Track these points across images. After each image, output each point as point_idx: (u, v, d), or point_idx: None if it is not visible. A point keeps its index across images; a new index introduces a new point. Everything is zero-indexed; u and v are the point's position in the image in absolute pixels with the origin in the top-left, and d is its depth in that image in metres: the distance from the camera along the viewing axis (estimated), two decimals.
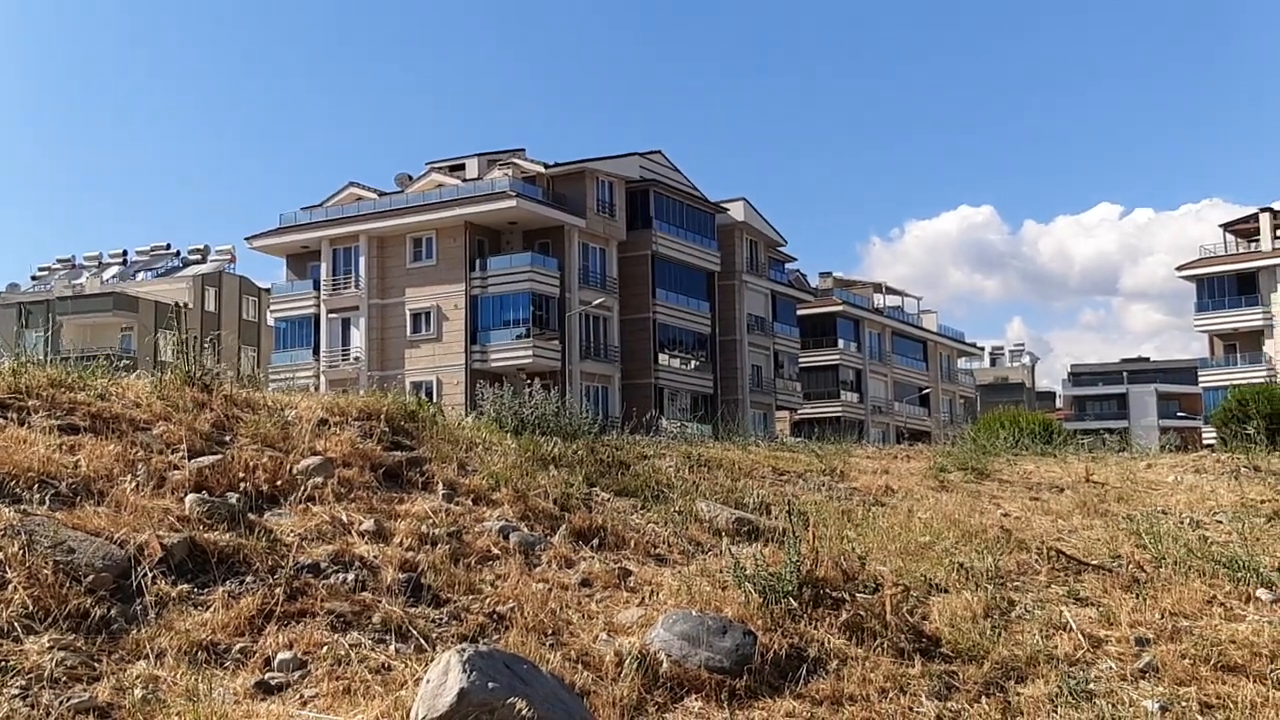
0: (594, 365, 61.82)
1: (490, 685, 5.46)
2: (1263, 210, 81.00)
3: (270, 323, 73.53)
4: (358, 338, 62.33)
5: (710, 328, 69.13)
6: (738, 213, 72.11)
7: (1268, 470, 15.33)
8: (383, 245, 62.49)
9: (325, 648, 6.65)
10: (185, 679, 6.00)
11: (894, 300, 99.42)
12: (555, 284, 60.32)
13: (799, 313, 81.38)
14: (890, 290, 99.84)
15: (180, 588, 7.08)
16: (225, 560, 7.54)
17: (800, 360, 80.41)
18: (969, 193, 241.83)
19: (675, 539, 10.19)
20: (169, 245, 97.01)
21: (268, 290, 76.33)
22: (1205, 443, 49.44)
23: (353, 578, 7.69)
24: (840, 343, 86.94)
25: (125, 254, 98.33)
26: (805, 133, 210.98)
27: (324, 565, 7.80)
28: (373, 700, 5.96)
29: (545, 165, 63.66)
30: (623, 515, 10.73)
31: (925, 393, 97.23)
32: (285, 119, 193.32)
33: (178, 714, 5.62)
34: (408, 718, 5.60)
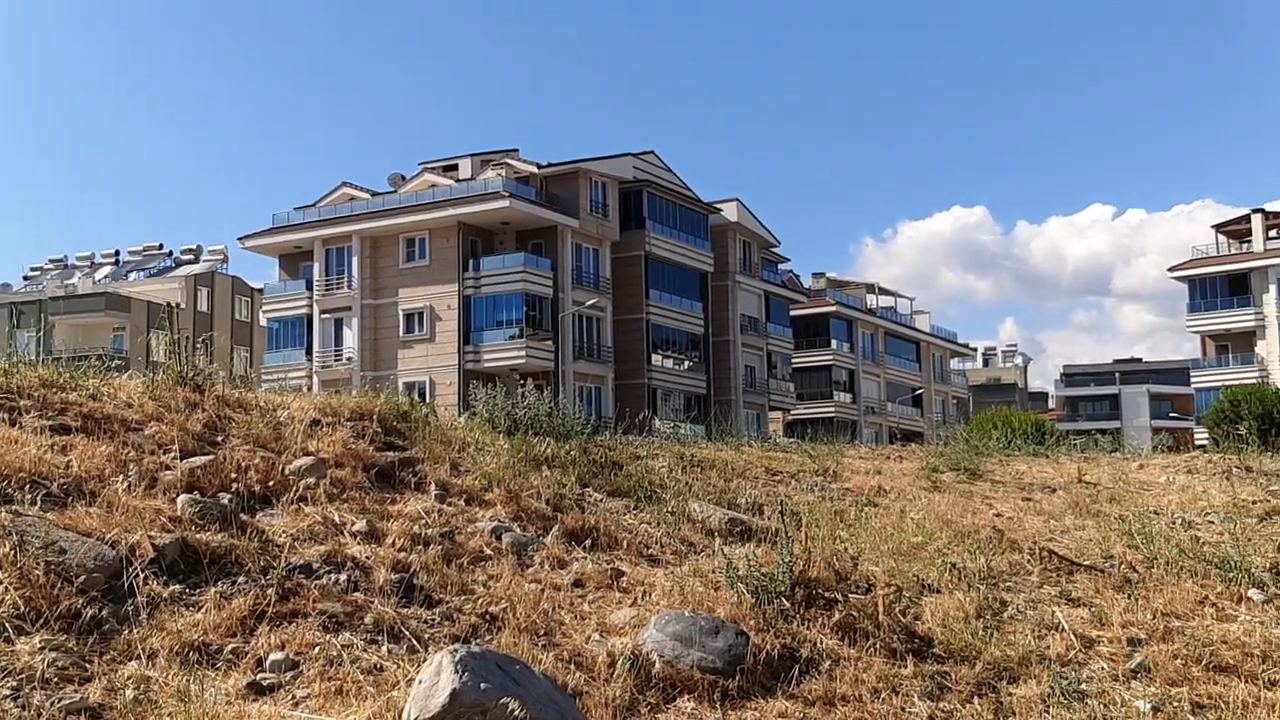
0: (587, 366, 61.76)
1: (482, 686, 5.46)
2: (1255, 211, 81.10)
3: (263, 323, 73.33)
4: (350, 338, 62.22)
5: (703, 328, 69.12)
6: (731, 213, 72.09)
7: (1259, 471, 15.37)
8: (376, 245, 62.39)
9: (317, 648, 6.64)
10: (177, 680, 5.99)
11: (887, 301, 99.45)
12: (548, 284, 60.26)
13: (792, 313, 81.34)
14: (883, 291, 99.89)
15: (172, 588, 7.07)
16: (217, 561, 7.53)
17: (793, 361, 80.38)
18: (962, 193, 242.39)
19: (668, 539, 10.19)
20: (161, 245, 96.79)
21: (260, 290, 76.13)
22: (1197, 443, 49.62)
23: (345, 578, 7.68)
24: (833, 343, 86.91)
25: (118, 254, 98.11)
26: (798, 133, 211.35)
27: (316, 566, 7.79)
28: (365, 701, 5.95)
29: (538, 165, 63.60)
30: (615, 516, 10.73)
31: (918, 393, 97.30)
32: (278, 119, 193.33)
33: (169, 715, 5.61)
34: (400, 718, 5.60)
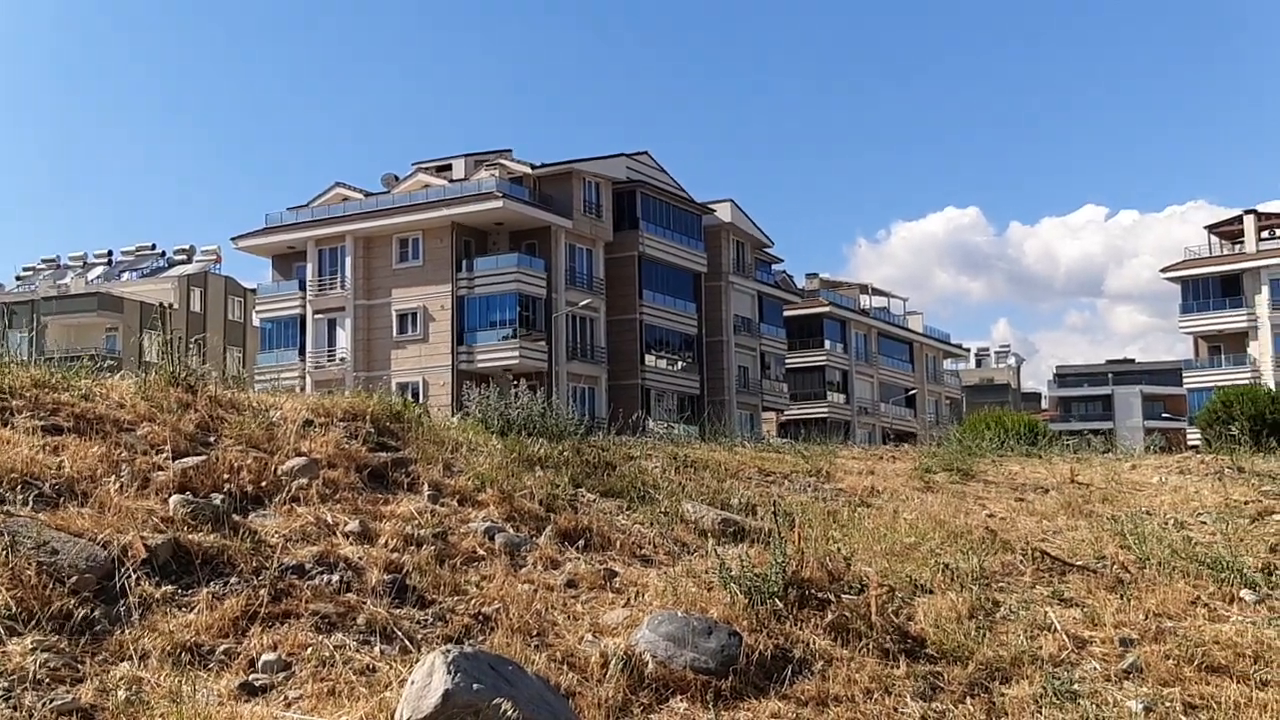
0: (580, 366, 61.75)
1: (475, 686, 5.46)
2: (1247, 212, 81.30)
3: (256, 323, 73.29)
4: (344, 338, 62.17)
5: (697, 329, 69.12)
6: (724, 214, 72.11)
7: (1251, 471, 15.40)
8: (369, 246, 62.35)
9: (310, 649, 6.64)
10: (169, 680, 5.98)
11: (880, 301, 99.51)
12: (542, 285, 60.25)
13: (785, 314, 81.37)
14: (876, 291, 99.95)
15: (164, 589, 7.06)
16: (209, 561, 7.52)
17: (786, 361, 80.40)
18: (955, 194, 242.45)
19: (661, 540, 10.19)
20: (154, 245, 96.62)
21: (253, 291, 76.08)
22: (1190, 444, 49.66)
23: (337, 579, 7.67)
24: (826, 344, 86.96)
25: (110, 254, 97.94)
26: (792, 134, 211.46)
27: (308, 566, 7.78)
28: (357, 702, 5.95)
29: (532, 166, 63.58)
30: (608, 516, 10.73)
31: (911, 394, 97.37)
32: (272, 119, 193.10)
33: (161, 716, 5.60)
34: (392, 719, 5.59)
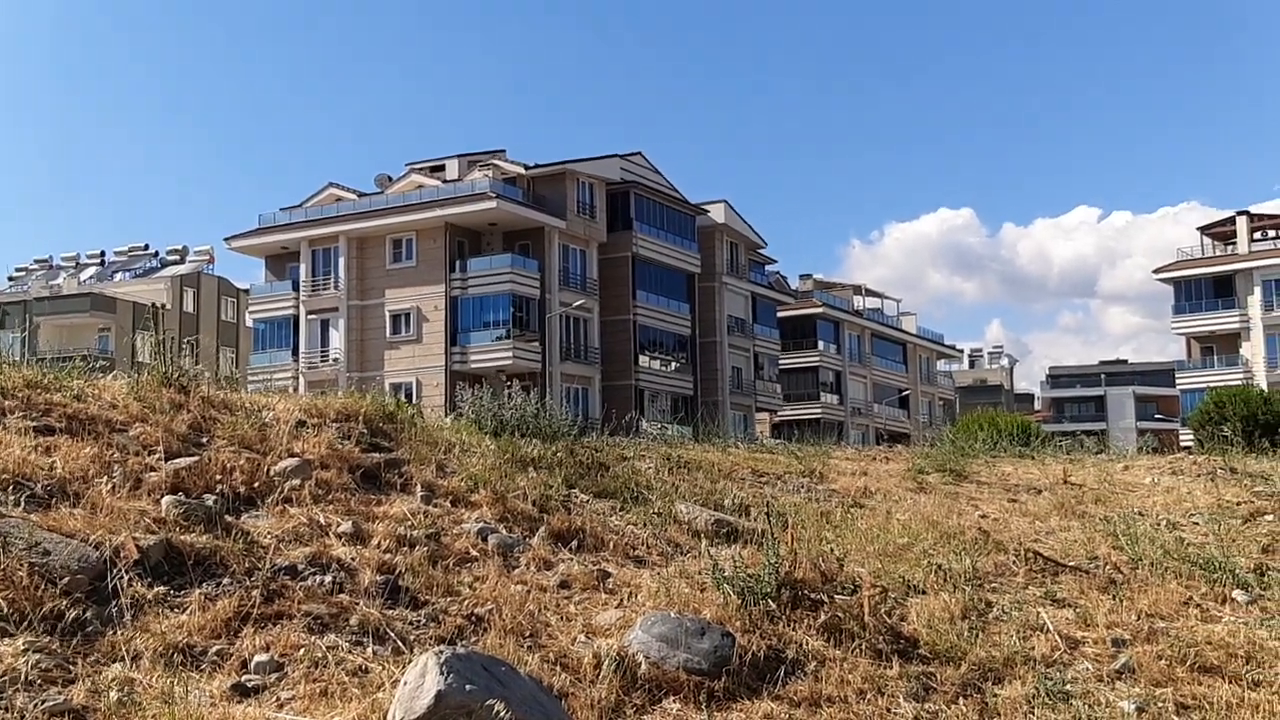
0: (574, 367, 61.75)
1: (468, 687, 5.45)
2: (1240, 214, 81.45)
3: (249, 324, 73.19)
4: (337, 339, 62.11)
5: (690, 329, 69.17)
6: (718, 214, 72.17)
7: (1244, 472, 15.42)
8: (362, 246, 62.30)
9: (302, 650, 6.63)
10: (161, 681, 5.97)
11: (873, 302, 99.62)
12: (535, 285, 60.25)
13: (779, 315, 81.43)
14: (870, 292, 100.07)
15: (156, 590, 7.05)
16: (202, 562, 7.50)
17: (780, 362, 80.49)
18: (948, 195, 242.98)
19: (654, 540, 10.19)
20: (147, 246, 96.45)
21: (246, 291, 75.94)
22: (1183, 444, 49.75)
23: (330, 580, 7.66)
24: (820, 345, 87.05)
25: (103, 254, 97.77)
26: (786, 136, 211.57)
27: (301, 567, 7.77)
28: (350, 703, 5.94)
29: (525, 166, 63.59)
30: (602, 517, 10.73)
31: (904, 394, 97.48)
32: (265, 120, 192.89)
33: (153, 717, 5.59)
34: None
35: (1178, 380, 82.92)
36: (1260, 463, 16.73)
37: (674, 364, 67.79)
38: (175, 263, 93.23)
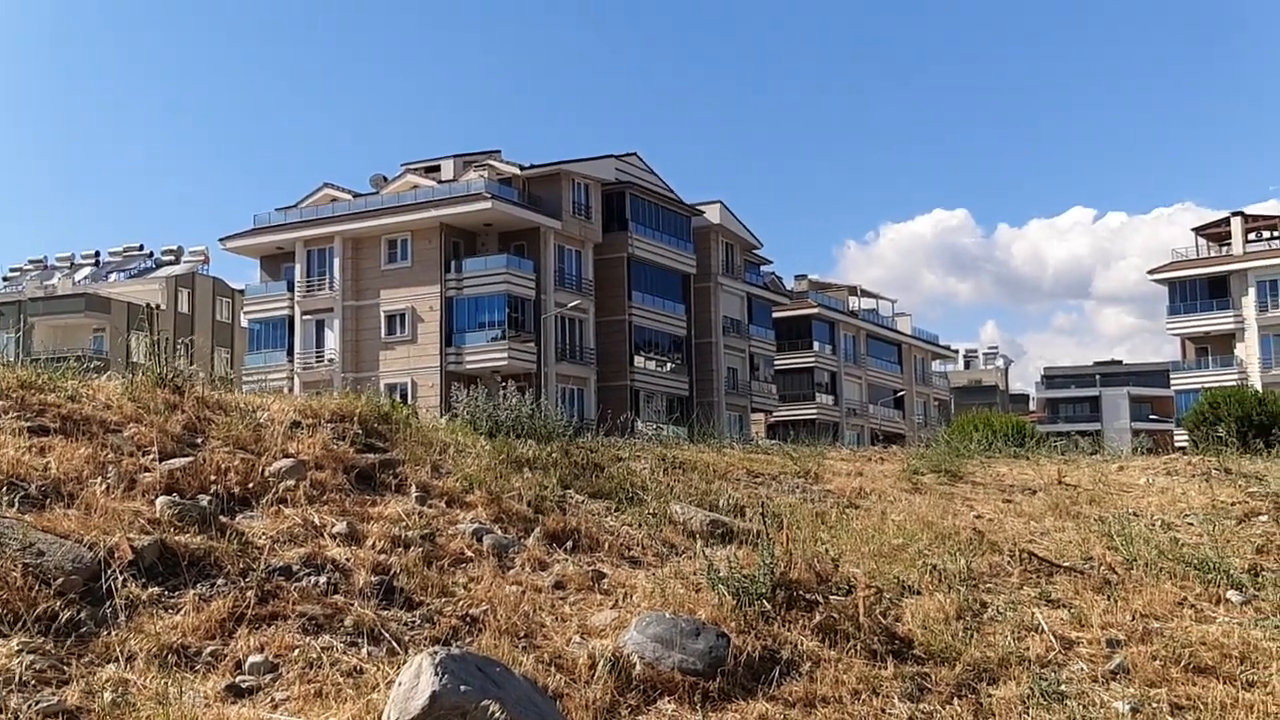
0: (569, 367, 61.74)
1: (462, 688, 5.45)
2: (1234, 214, 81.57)
3: (244, 324, 73.02)
4: (332, 339, 62.07)
5: (686, 330, 69.18)
6: (713, 215, 72.19)
7: (1238, 472, 15.44)
8: (357, 247, 62.28)
9: (297, 650, 6.62)
10: (155, 682, 5.96)
11: (869, 303, 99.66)
12: (531, 286, 60.22)
13: (774, 315, 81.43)
14: (865, 293, 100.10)
15: (151, 590, 7.04)
16: (196, 563, 7.50)
17: (775, 363, 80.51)
18: (943, 196, 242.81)
19: (649, 541, 10.19)
20: (142, 246, 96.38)
21: (241, 291, 75.85)
22: (1177, 445, 49.83)
23: (324, 580, 7.66)
24: (815, 345, 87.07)
25: (98, 255, 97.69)
26: (781, 137, 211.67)
27: (296, 568, 7.77)
28: (344, 703, 5.94)
29: (521, 167, 63.58)
30: (597, 517, 10.73)
31: (900, 395, 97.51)
32: (260, 120, 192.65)
33: (148, 717, 5.58)
34: None
35: (1172, 381, 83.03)
36: (1255, 463, 16.76)
37: (669, 365, 67.81)
38: (170, 263, 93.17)
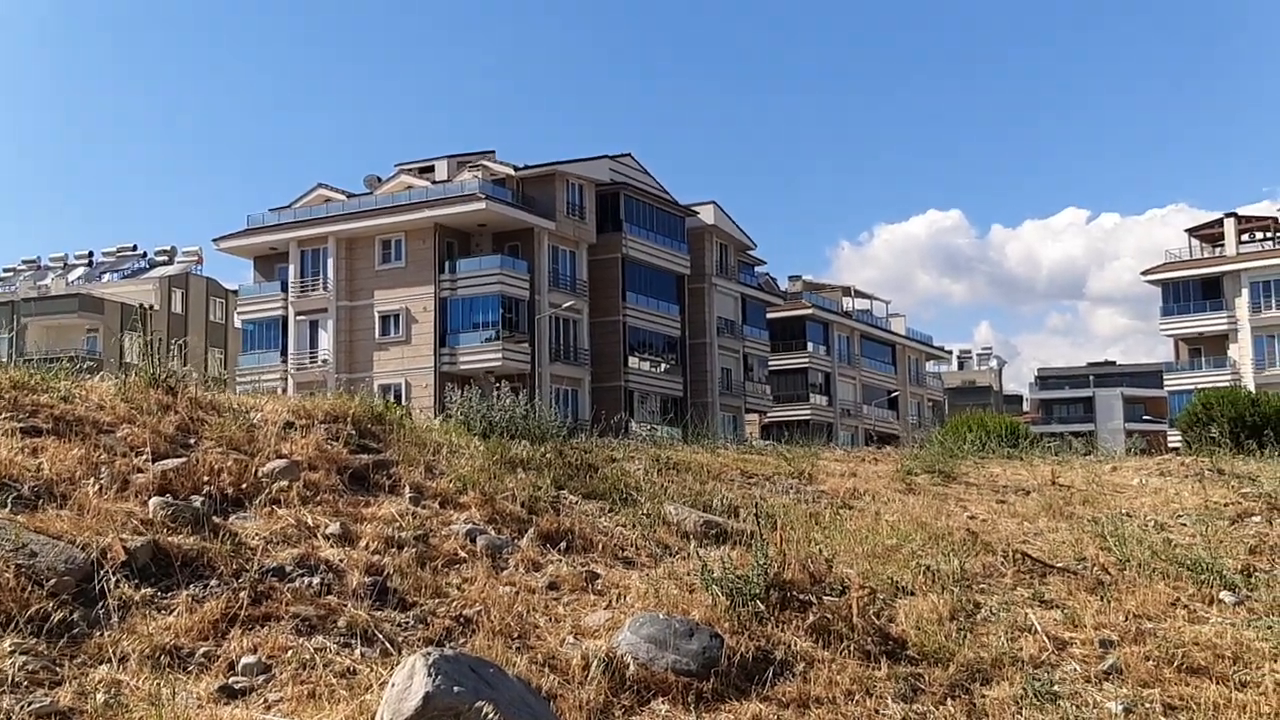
0: (564, 368, 61.72)
1: (456, 689, 5.44)
2: (1227, 215, 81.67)
3: (237, 325, 73.02)
4: (326, 340, 61.99)
5: (680, 331, 69.16)
6: (708, 216, 72.19)
7: (1231, 473, 15.46)
8: (351, 247, 62.23)
9: (290, 652, 6.62)
10: (148, 683, 5.95)
11: (863, 304, 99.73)
12: (525, 286, 60.19)
13: (768, 316, 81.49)
14: (859, 294, 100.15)
15: (143, 591, 7.03)
16: (189, 564, 7.49)
17: (769, 363, 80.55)
18: (937, 197, 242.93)
19: (643, 542, 10.18)
20: (135, 246, 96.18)
21: (235, 292, 75.83)
22: (1170, 446, 49.86)
23: (318, 581, 7.65)
24: (809, 346, 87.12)
25: (91, 255, 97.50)
26: (775, 137, 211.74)
27: (289, 569, 7.76)
28: (337, 704, 5.93)
29: (515, 167, 63.55)
30: (591, 518, 10.72)
31: (894, 396, 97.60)
32: (254, 120, 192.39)
33: (140, 718, 5.57)
34: None
35: (1166, 382, 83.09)
36: (1248, 464, 16.77)
37: (663, 365, 67.79)
38: (163, 263, 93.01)
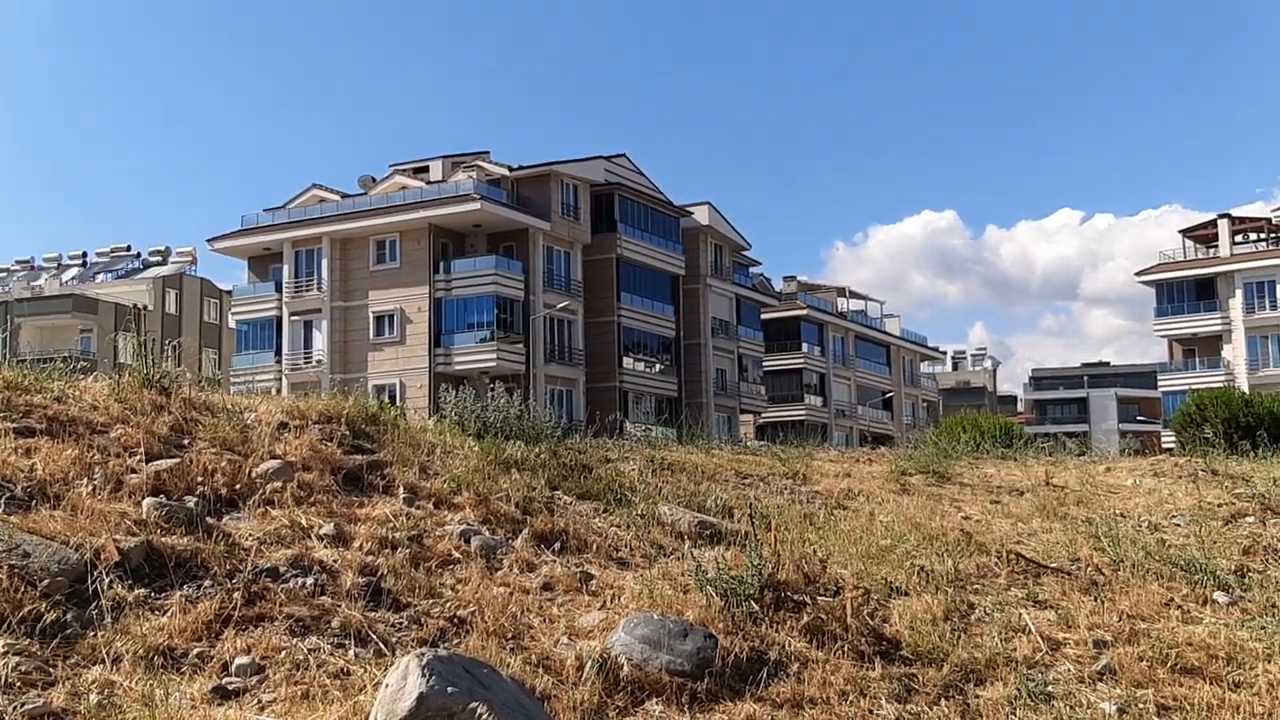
0: (558, 368, 61.72)
1: (450, 689, 5.44)
2: (1221, 216, 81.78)
3: (231, 325, 72.96)
4: (320, 340, 61.94)
5: (675, 331, 69.19)
6: (702, 216, 72.21)
7: (1225, 474, 15.47)
8: (345, 247, 62.17)
9: (284, 652, 6.61)
10: (141, 684, 5.94)
11: (857, 304, 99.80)
12: (519, 287, 60.19)
13: (763, 317, 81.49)
14: (854, 294, 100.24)
15: (137, 592, 7.02)
16: (183, 564, 7.48)
17: (764, 364, 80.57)
18: (932, 198, 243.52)
19: (637, 542, 10.18)
20: (129, 247, 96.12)
21: (229, 292, 75.70)
22: (1164, 446, 49.90)
23: (312, 582, 7.64)
24: (804, 346, 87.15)
25: (85, 255, 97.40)
26: (770, 138, 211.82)
27: (283, 569, 7.75)
28: (331, 705, 5.92)
29: (510, 168, 63.53)
30: (585, 519, 10.72)
31: (888, 396, 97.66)
32: (248, 120, 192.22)
33: (134, 719, 5.56)
34: None
35: (1159, 382, 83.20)
36: (1241, 464, 16.79)
37: (658, 366, 67.81)
38: (158, 264, 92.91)
